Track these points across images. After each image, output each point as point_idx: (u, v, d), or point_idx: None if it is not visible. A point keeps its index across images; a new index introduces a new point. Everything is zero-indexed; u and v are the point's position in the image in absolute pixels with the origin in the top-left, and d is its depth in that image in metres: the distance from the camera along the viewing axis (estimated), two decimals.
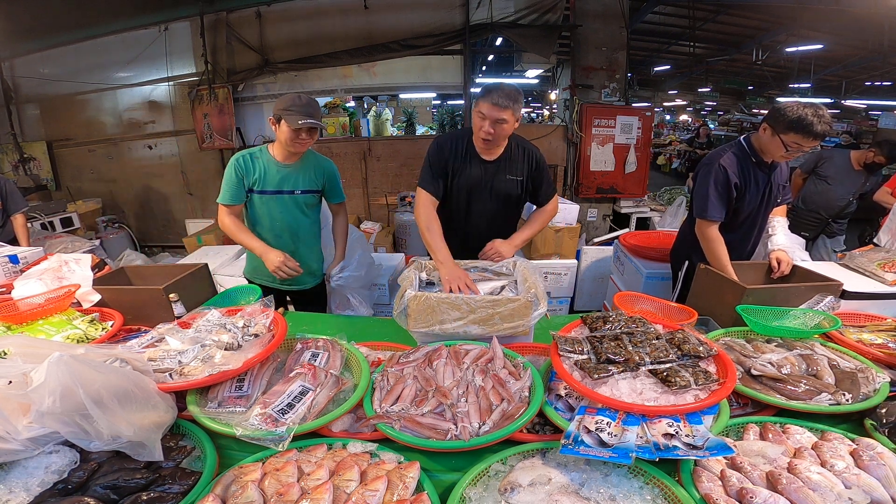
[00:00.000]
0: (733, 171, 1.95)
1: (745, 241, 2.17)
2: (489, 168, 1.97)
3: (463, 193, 2.00)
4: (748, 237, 2.17)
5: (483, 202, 2.02)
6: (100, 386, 0.96)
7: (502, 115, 1.74)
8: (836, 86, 12.57)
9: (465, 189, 1.99)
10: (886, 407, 1.09)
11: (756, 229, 2.16)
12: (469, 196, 2.00)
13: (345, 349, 1.40)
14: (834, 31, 7.61)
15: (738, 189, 1.97)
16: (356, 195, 5.83)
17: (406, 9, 5.11)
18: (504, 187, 1.99)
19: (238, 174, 2.01)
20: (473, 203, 2.02)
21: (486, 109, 1.75)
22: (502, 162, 1.98)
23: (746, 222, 2.11)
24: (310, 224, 2.21)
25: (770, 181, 2.03)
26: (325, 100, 5.80)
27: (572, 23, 5.09)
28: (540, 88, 10.73)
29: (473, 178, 1.97)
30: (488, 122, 1.77)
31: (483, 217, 2.04)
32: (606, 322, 1.31)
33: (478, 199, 2.01)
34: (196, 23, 5.16)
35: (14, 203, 3.25)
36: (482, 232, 2.02)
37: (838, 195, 3.61)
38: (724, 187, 1.95)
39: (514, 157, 1.99)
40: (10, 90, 5.87)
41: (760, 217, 2.13)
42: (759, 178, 2.00)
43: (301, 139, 1.99)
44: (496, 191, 2.00)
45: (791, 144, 1.78)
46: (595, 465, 0.96)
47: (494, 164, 1.97)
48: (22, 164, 6.04)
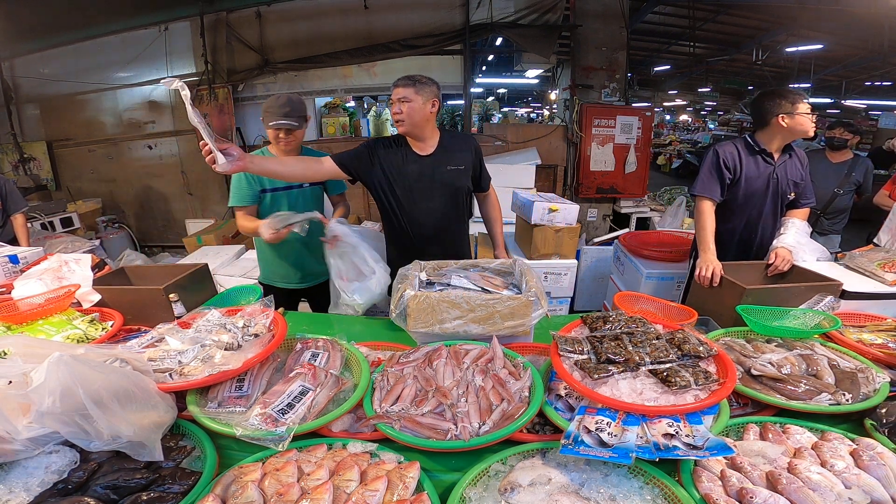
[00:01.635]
0: (726, 153, 2.12)
1: (749, 229, 2.20)
2: (426, 162, 1.98)
3: (404, 190, 1.97)
4: (752, 225, 2.20)
5: (427, 199, 1.99)
6: (100, 386, 0.96)
7: (405, 93, 1.86)
8: (836, 86, 12.56)
9: (405, 187, 1.97)
10: (886, 407, 1.09)
11: (761, 218, 2.18)
12: (411, 194, 1.98)
13: (345, 349, 1.40)
14: (834, 31, 7.61)
15: (729, 170, 2.11)
16: (356, 195, 5.83)
17: (406, 9, 5.11)
18: (447, 178, 2.00)
19: (248, 176, 2.05)
20: (418, 201, 1.99)
21: (395, 93, 1.88)
22: (438, 154, 1.99)
23: (747, 208, 2.17)
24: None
25: (776, 173, 2.12)
26: (324, 100, 5.79)
27: (572, 23, 5.09)
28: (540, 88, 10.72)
29: (412, 174, 1.96)
30: (396, 105, 1.88)
31: (431, 215, 2.01)
32: (606, 322, 1.31)
33: (421, 195, 1.99)
34: (196, 23, 5.16)
35: (14, 203, 3.26)
36: (429, 232, 2.03)
37: (821, 189, 3.67)
38: (715, 167, 2.12)
39: (450, 146, 2.01)
40: (10, 90, 5.87)
41: (767, 207, 2.17)
42: (759, 167, 2.11)
43: (280, 139, 2.05)
44: (440, 183, 1.99)
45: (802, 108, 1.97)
46: (595, 465, 0.96)
47: (431, 157, 1.98)
48: (22, 164, 6.04)
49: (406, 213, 2.01)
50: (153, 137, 5.95)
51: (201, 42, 5.16)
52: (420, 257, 1.81)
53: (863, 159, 3.72)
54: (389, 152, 1.97)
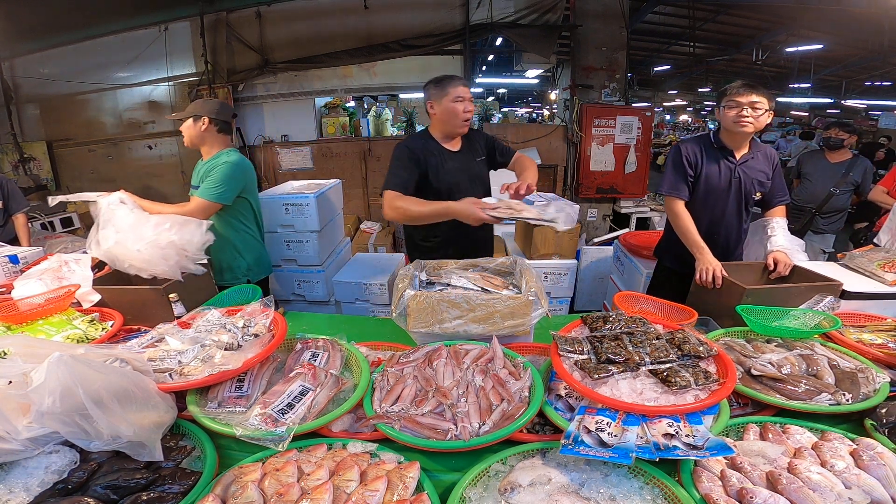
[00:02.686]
0: (688, 150, 2.09)
1: (713, 229, 2.11)
2: (458, 157, 2.03)
3: (445, 189, 1.96)
4: (715, 225, 2.12)
5: (467, 193, 1.94)
6: (100, 386, 0.96)
7: (469, 93, 1.93)
8: (836, 86, 12.57)
9: (447, 185, 1.97)
10: (886, 407, 1.09)
11: (724, 218, 2.12)
12: (453, 190, 1.96)
13: (345, 349, 1.40)
14: (834, 31, 7.62)
15: (692, 166, 2.08)
16: (356, 195, 5.83)
17: (406, 9, 5.11)
18: (477, 169, 2.09)
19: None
20: (460, 196, 1.93)
21: (462, 91, 1.91)
22: (465, 149, 2.05)
23: (708, 206, 2.09)
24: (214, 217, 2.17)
25: (738, 172, 2.05)
26: (325, 100, 5.80)
27: (572, 23, 5.10)
28: (540, 88, 10.73)
29: (454, 171, 2.00)
30: (467, 101, 1.91)
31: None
32: (606, 322, 1.31)
33: (464, 191, 1.95)
34: (196, 23, 5.16)
35: (16, 202, 3.26)
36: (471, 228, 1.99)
37: (819, 188, 3.74)
38: (678, 164, 2.09)
39: (471, 140, 2.09)
40: (10, 90, 5.87)
41: (730, 206, 2.09)
42: (720, 163, 2.07)
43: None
44: (475, 176, 2.07)
45: (730, 103, 1.93)
46: (595, 465, 0.96)
47: (461, 153, 2.04)
48: (22, 164, 6.04)
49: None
50: (153, 137, 5.95)
51: (201, 42, 5.16)
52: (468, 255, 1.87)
53: (861, 159, 3.73)
54: (428, 154, 1.96)
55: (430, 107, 1.95)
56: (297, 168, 5.68)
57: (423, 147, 1.98)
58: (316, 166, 5.69)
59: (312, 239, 2.73)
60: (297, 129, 5.68)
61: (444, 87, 1.90)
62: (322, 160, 5.71)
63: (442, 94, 1.90)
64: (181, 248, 1.76)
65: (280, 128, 5.69)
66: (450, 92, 1.88)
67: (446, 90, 1.89)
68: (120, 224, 1.75)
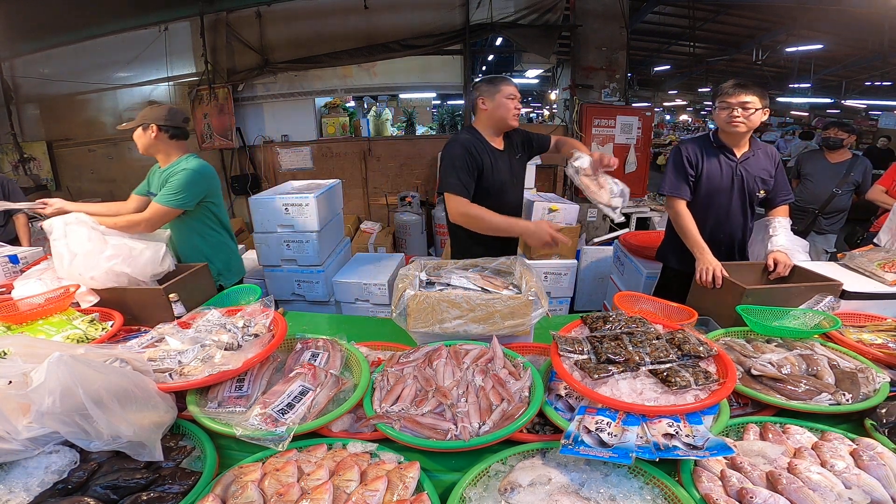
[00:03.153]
0: (689, 150, 2.11)
1: (718, 228, 2.13)
2: (504, 155, 2.06)
3: (496, 189, 2.01)
4: (720, 224, 2.13)
5: (512, 191, 2.10)
6: (100, 386, 0.96)
7: (518, 93, 1.99)
8: (836, 86, 12.57)
9: (497, 184, 2.01)
10: (886, 407, 1.09)
11: (729, 217, 2.12)
12: (502, 189, 2.04)
13: (345, 349, 1.40)
14: (834, 31, 7.62)
15: (692, 166, 2.10)
16: (356, 195, 5.84)
17: (406, 9, 5.11)
18: (519, 168, 2.14)
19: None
20: (507, 195, 2.07)
21: (514, 90, 1.97)
22: (507, 147, 2.09)
23: (713, 206, 2.10)
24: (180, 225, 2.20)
25: (739, 170, 2.06)
26: (325, 100, 5.80)
27: (572, 23, 5.10)
28: (540, 88, 10.73)
29: (503, 170, 2.03)
30: (517, 99, 1.98)
31: (517, 207, 2.14)
32: (606, 322, 1.31)
33: (510, 189, 2.08)
34: (196, 23, 5.16)
35: (16, 202, 3.26)
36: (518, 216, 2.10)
37: (820, 189, 3.73)
38: (679, 164, 2.12)
39: (510, 135, 2.12)
40: (10, 90, 5.87)
41: (734, 204, 2.10)
42: (721, 162, 2.08)
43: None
44: (517, 175, 2.13)
45: (721, 104, 1.97)
46: (595, 465, 0.96)
47: (505, 152, 2.08)
48: (22, 164, 6.04)
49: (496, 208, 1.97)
50: None
51: (201, 42, 5.16)
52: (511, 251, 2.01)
53: (862, 159, 3.73)
54: (482, 152, 1.98)
55: (482, 102, 1.99)
56: (297, 168, 5.68)
57: (476, 145, 1.98)
58: (316, 166, 5.69)
59: (312, 239, 2.73)
60: (297, 129, 5.68)
61: (496, 84, 1.97)
62: (322, 160, 5.71)
63: (494, 91, 1.97)
64: (134, 278, 1.79)
65: (280, 128, 5.69)
66: (502, 89, 1.96)
67: (499, 87, 1.96)
68: (75, 248, 1.74)
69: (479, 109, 2.03)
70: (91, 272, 1.72)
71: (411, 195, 5.42)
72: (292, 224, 2.73)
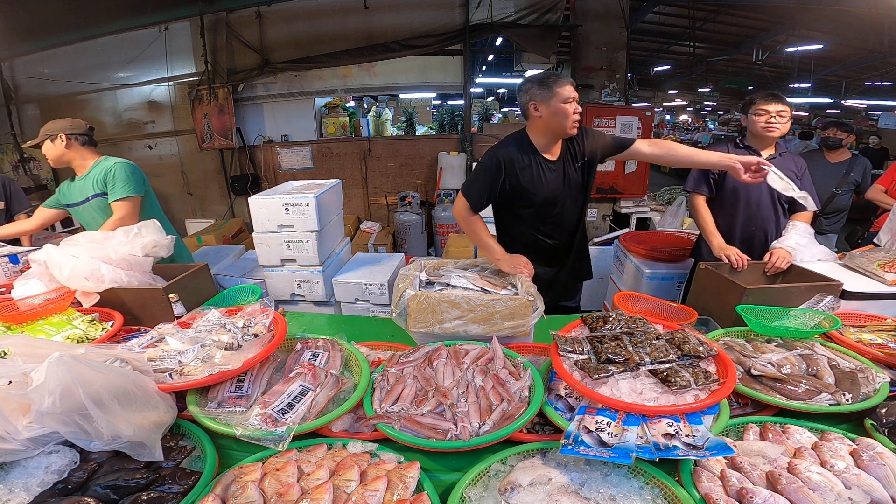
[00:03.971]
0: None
1: (751, 223, 2.26)
2: (556, 165, 1.89)
3: (541, 201, 1.91)
4: (752, 220, 2.26)
5: (565, 202, 1.95)
6: (100, 386, 0.96)
7: (576, 93, 1.77)
8: (836, 86, 12.58)
9: (543, 196, 1.89)
10: (886, 407, 1.09)
11: (760, 210, 2.25)
12: (550, 202, 1.92)
13: (345, 349, 1.40)
14: (834, 31, 7.62)
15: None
16: (356, 195, 5.84)
17: (406, 9, 5.11)
18: (578, 177, 1.94)
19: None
20: (556, 207, 1.94)
21: (571, 91, 1.74)
22: (563, 154, 1.91)
23: (741, 201, 2.25)
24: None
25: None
26: (325, 100, 5.80)
27: (572, 23, 5.10)
28: None
29: (552, 182, 1.88)
30: (576, 101, 1.76)
31: (573, 217, 2.02)
32: (606, 322, 1.31)
33: (561, 201, 1.93)
34: (196, 23, 5.16)
35: (18, 203, 3.25)
36: (570, 231, 2.04)
37: (820, 189, 3.71)
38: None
39: (571, 140, 1.91)
40: (10, 90, 5.87)
41: (764, 199, 2.23)
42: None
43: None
44: (574, 184, 1.94)
45: (759, 111, 2.14)
46: (595, 465, 0.96)
47: (560, 161, 1.90)
48: (22, 164, 6.04)
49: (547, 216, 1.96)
50: (153, 137, 5.95)
51: (201, 42, 5.16)
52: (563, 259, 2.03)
53: (861, 159, 3.73)
54: (522, 166, 1.85)
55: (535, 108, 1.78)
56: (297, 168, 5.68)
57: (517, 157, 1.84)
58: (316, 166, 5.70)
59: (312, 239, 2.73)
60: (297, 129, 5.68)
61: (550, 86, 1.73)
62: (322, 160, 5.71)
63: (549, 95, 1.73)
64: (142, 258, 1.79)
65: (280, 128, 5.69)
66: (558, 92, 1.71)
67: (553, 90, 1.72)
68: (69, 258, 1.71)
69: (531, 116, 1.81)
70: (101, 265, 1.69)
71: (411, 195, 5.42)
72: (292, 224, 2.73)
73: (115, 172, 2.16)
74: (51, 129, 2.12)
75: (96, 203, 2.23)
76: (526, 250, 1.87)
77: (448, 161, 5.43)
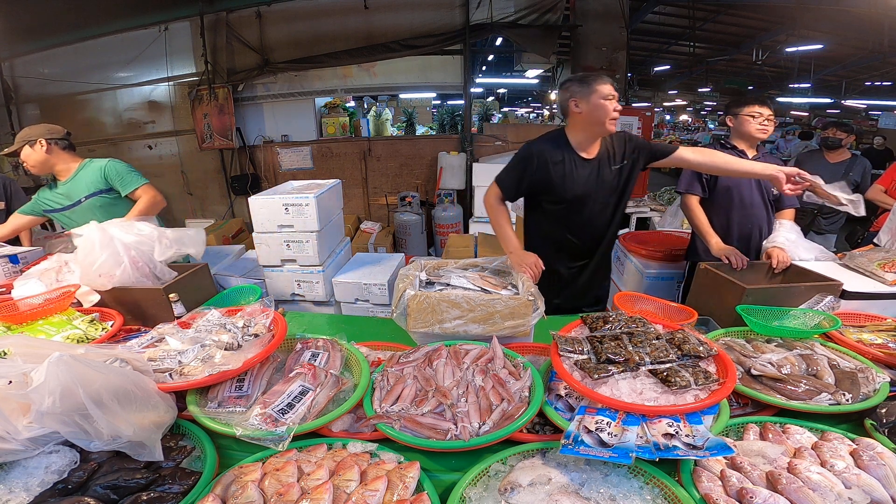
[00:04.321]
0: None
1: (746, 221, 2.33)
2: (590, 164, 1.90)
3: (570, 198, 1.91)
4: (747, 217, 2.33)
5: (596, 202, 1.94)
6: (100, 386, 0.96)
7: (616, 93, 1.80)
8: (836, 86, 12.58)
9: (573, 194, 1.90)
10: (886, 407, 1.09)
11: (754, 208, 2.33)
12: (580, 200, 1.92)
13: (345, 349, 1.40)
14: (834, 31, 7.63)
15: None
16: (356, 195, 5.84)
17: (406, 9, 5.11)
18: (613, 178, 1.93)
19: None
20: (587, 205, 1.94)
21: (611, 89, 1.77)
22: (601, 154, 1.91)
23: (735, 198, 2.32)
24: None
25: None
26: (325, 100, 5.80)
27: (572, 23, 5.10)
28: (540, 88, 10.73)
29: (583, 180, 1.89)
30: (615, 100, 1.79)
31: (603, 219, 2.01)
32: (606, 322, 1.31)
33: (592, 200, 1.93)
34: (196, 23, 5.16)
35: (18, 203, 3.24)
36: (598, 233, 2.04)
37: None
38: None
39: (611, 142, 1.93)
40: (10, 90, 5.87)
41: (756, 198, 2.32)
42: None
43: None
44: (608, 185, 1.93)
45: (754, 114, 2.23)
46: (595, 465, 0.96)
47: (596, 160, 1.91)
48: (22, 164, 6.02)
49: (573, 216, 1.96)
50: (153, 137, 5.95)
51: (201, 42, 5.16)
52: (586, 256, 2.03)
53: (861, 159, 3.73)
54: (555, 161, 1.88)
55: (575, 105, 1.82)
56: (297, 168, 5.68)
57: (551, 152, 1.87)
58: (316, 166, 5.70)
59: (312, 239, 2.72)
60: (297, 129, 5.68)
61: (590, 84, 1.78)
62: (322, 160, 5.71)
63: (589, 92, 1.77)
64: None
65: (280, 128, 5.69)
66: (598, 89, 1.76)
67: (593, 87, 1.77)
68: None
69: (571, 113, 1.85)
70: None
71: (411, 195, 5.42)
72: (292, 224, 2.72)
73: (114, 168, 2.18)
74: (28, 134, 2.09)
75: (93, 202, 2.22)
76: (550, 247, 1.96)
77: (448, 161, 5.43)
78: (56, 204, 2.25)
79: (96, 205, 2.23)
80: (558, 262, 2.01)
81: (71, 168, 2.22)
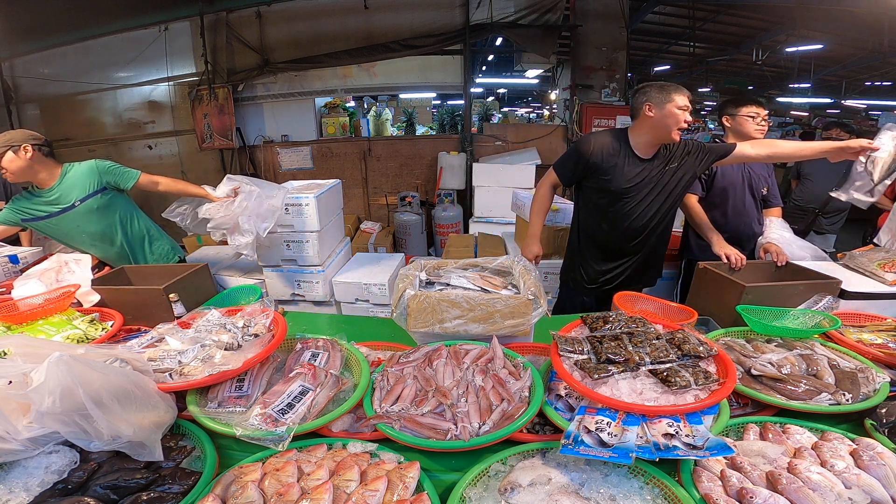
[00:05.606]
0: None
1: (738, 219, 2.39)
2: (644, 163, 1.99)
3: (617, 193, 2.00)
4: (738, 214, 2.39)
5: (643, 201, 2.02)
6: (100, 386, 0.96)
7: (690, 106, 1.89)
8: (836, 86, 12.57)
9: (621, 189, 1.99)
10: (886, 407, 1.09)
11: (745, 207, 2.39)
12: (624, 195, 2.00)
13: (345, 349, 1.40)
14: (834, 31, 7.62)
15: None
16: (356, 195, 5.84)
17: (406, 9, 5.11)
18: (667, 180, 2.01)
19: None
20: (630, 202, 2.02)
21: (686, 100, 1.86)
22: (658, 155, 2.00)
23: (729, 198, 2.37)
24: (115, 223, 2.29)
25: (746, 167, 2.37)
26: (325, 100, 5.80)
27: (572, 23, 5.10)
28: (540, 88, 10.72)
29: (632, 176, 1.97)
30: (688, 111, 1.86)
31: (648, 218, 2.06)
32: (606, 322, 1.31)
33: (638, 199, 2.01)
34: (196, 23, 5.16)
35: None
36: (642, 231, 2.08)
37: (820, 188, 3.75)
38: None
39: (670, 146, 2.00)
40: (10, 90, 5.86)
41: (747, 197, 2.38)
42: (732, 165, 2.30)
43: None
44: (658, 184, 2.00)
45: (752, 114, 2.25)
46: (595, 465, 0.96)
47: (652, 161, 1.99)
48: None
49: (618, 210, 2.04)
50: (153, 137, 5.95)
51: (201, 42, 5.16)
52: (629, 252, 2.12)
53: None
54: (611, 154, 1.98)
55: (648, 108, 1.89)
56: (297, 168, 5.68)
57: (608, 145, 1.98)
58: (316, 166, 5.70)
59: (312, 239, 2.72)
60: (297, 129, 5.68)
61: (668, 92, 1.86)
62: (322, 160, 5.71)
63: (665, 100, 1.85)
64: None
65: (280, 128, 5.69)
66: (675, 99, 1.84)
67: (671, 96, 1.85)
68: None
69: (642, 115, 1.92)
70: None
71: (411, 195, 5.42)
72: (292, 224, 2.72)
73: (107, 167, 2.24)
74: (12, 138, 1.99)
75: (89, 204, 2.17)
76: (590, 241, 2.15)
77: (448, 161, 5.43)
78: (40, 212, 2.14)
79: (93, 207, 2.19)
80: (600, 257, 2.17)
81: (54, 175, 2.13)
